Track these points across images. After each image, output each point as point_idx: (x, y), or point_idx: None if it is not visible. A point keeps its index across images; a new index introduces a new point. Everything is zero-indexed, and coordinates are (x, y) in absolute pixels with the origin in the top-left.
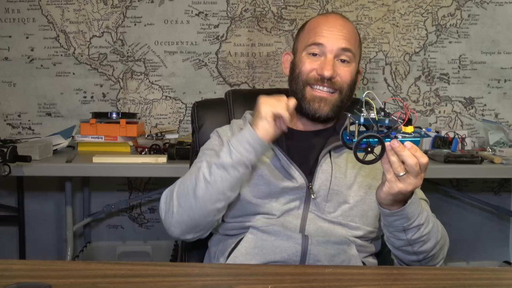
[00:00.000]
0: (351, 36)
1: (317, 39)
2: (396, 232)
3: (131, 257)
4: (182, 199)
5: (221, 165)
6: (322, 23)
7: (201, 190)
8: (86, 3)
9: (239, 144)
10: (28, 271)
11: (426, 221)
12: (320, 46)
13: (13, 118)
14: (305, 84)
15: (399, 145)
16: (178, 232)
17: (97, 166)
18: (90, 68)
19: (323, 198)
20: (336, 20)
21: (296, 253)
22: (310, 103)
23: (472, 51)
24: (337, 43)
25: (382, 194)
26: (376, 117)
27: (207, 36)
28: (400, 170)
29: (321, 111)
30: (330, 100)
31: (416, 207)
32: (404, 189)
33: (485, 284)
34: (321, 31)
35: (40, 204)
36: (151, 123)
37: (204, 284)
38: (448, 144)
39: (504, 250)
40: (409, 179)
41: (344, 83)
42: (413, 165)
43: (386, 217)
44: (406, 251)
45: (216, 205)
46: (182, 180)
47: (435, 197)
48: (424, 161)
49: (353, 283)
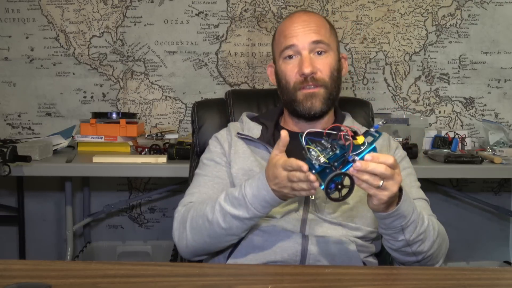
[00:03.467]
0: (319, 27)
1: (287, 41)
2: (395, 234)
3: (131, 257)
4: (195, 235)
5: (237, 217)
6: (288, 25)
7: (215, 234)
8: (86, 3)
9: (256, 201)
10: (28, 271)
11: (421, 218)
12: (292, 47)
13: (13, 118)
14: (294, 90)
15: (361, 164)
16: (189, 256)
17: (97, 166)
18: (90, 68)
19: (323, 199)
20: (300, 17)
21: (296, 253)
22: (302, 103)
23: (472, 51)
24: (306, 38)
25: (375, 206)
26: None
27: (207, 36)
28: (377, 182)
29: (315, 107)
30: (318, 93)
31: (409, 203)
32: (391, 193)
33: (485, 284)
34: (288, 33)
35: (40, 204)
36: (151, 123)
37: (204, 284)
38: (448, 144)
39: (504, 250)
40: (389, 183)
41: (326, 76)
42: (384, 171)
43: (383, 220)
44: (405, 252)
45: (230, 242)
46: (195, 214)
47: (435, 197)
48: (391, 162)
49: (353, 283)
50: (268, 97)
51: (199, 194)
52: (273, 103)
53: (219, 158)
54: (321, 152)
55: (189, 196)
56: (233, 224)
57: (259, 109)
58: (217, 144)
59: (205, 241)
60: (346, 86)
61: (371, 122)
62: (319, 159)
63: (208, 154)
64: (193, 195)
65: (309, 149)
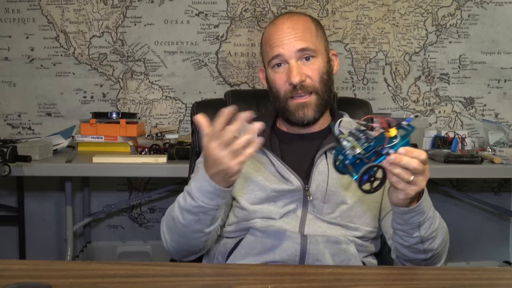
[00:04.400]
0: (304, 33)
1: (273, 51)
2: (411, 230)
3: (131, 257)
4: (170, 235)
5: (189, 211)
6: (272, 33)
7: (180, 231)
8: (86, 3)
9: (201, 194)
10: (28, 271)
11: (434, 216)
12: (279, 57)
13: (13, 118)
14: (284, 99)
15: (395, 157)
16: (177, 258)
17: (97, 166)
18: (90, 68)
19: (321, 200)
20: (283, 24)
21: (296, 252)
22: (294, 113)
23: (472, 51)
24: (291, 47)
25: (400, 200)
26: (361, 151)
27: (207, 36)
28: (408, 176)
29: (307, 116)
30: (310, 102)
31: (428, 200)
32: (420, 188)
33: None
34: (273, 42)
35: (40, 204)
36: (151, 123)
37: (204, 284)
38: (448, 144)
39: (504, 250)
40: (419, 179)
41: (316, 82)
42: (417, 166)
43: (402, 216)
44: (417, 249)
45: (201, 240)
46: (167, 214)
47: (435, 197)
48: (423, 157)
49: (353, 283)
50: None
51: None
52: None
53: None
54: (356, 142)
55: None
56: (189, 218)
57: (258, 109)
58: None
59: (177, 241)
60: (346, 86)
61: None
62: (355, 150)
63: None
64: None
65: (342, 139)
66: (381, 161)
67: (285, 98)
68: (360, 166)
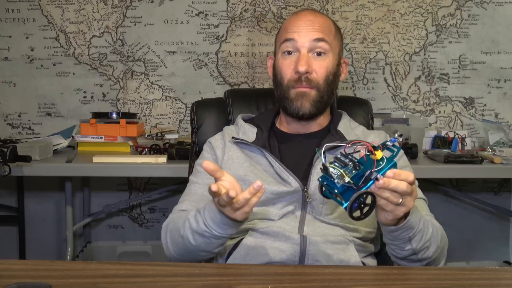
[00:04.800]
0: (324, 27)
1: (288, 35)
2: (402, 244)
3: (131, 257)
4: (175, 248)
5: (202, 235)
6: (293, 20)
7: (188, 249)
8: (86, 3)
9: (214, 224)
10: (28, 271)
11: (426, 226)
12: (292, 41)
13: (13, 118)
14: (287, 88)
15: (383, 182)
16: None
17: (97, 166)
18: (90, 68)
19: (320, 201)
20: (306, 16)
21: (295, 253)
22: (293, 102)
23: (472, 51)
24: (308, 35)
25: (388, 221)
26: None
27: (207, 36)
28: (397, 199)
29: (303, 108)
30: (309, 94)
31: (416, 213)
32: (408, 209)
33: (485, 284)
34: (291, 27)
35: (40, 204)
36: (151, 123)
37: (204, 284)
38: (448, 144)
39: (504, 250)
40: (407, 200)
41: (320, 79)
42: (405, 189)
43: (391, 233)
44: (411, 259)
45: (206, 257)
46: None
47: (435, 197)
48: (411, 179)
49: (353, 283)
50: (267, 97)
51: (189, 202)
52: (272, 103)
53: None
54: (344, 169)
55: (180, 204)
56: (201, 241)
57: (258, 109)
58: (209, 149)
59: (183, 255)
60: (346, 86)
61: (370, 121)
62: (344, 178)
63: (200, 160)
64: (183, 203)
65: (330, 167)
66: (369, 187)
67: (288, 87)
68: (349, 193)
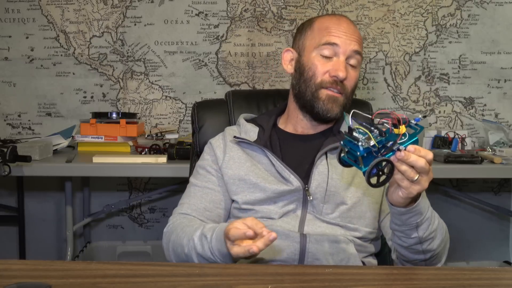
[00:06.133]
0: (360, 41)
1: (332, 39)
2: (409, 231)
3: (131, 257)
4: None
5: (207, 260)
6: (335, 24)
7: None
8: (86, 3)
9: (220, 255)
10: (28, 271)
11: (433, 217)
12: (334, 46)
13: (13, 118)
14: (318, 87)
15: (404, 154)
16: None
17: (97, 166)
18: (90, 68)
19: (321, 200)
20: (349, 25)
21: (295, 251)
22: (324, 103)
23: (472, 51)
24: (350, 45)
25: (400, 199)
26: (375, 143)
27: (207, 36)
28: (413, 175)
29: (332, 111)
30: (340, 100)
31: (425, 200)
32: (422, 188)
33: (485, 284)
34: (335, 32)
35: (40, 204)
36: (151, 123)
37: (204, 284)
38: (448, 144)
39: (504, 250)
40: (423, 179)
41: (350, 86)
42: (423, 166)
43: (400, 216)
44: (416, 250)
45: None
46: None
47: (435, 197)
48: (430, 157)
49: (353, 283)
50: (268, 98)
51: (189, 205)
52: (273, 103)
53: (209, 167)
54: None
55: (180, 206)
56: (205, 261)
57: (259, 110)
58: (210, 151)
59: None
60: None
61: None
62: (370, 141)
63: (201, 162)
64: (183, 206)
65: (356, 130)
66: (390, 157)
67: (320, 86)
68: (369, 159)
